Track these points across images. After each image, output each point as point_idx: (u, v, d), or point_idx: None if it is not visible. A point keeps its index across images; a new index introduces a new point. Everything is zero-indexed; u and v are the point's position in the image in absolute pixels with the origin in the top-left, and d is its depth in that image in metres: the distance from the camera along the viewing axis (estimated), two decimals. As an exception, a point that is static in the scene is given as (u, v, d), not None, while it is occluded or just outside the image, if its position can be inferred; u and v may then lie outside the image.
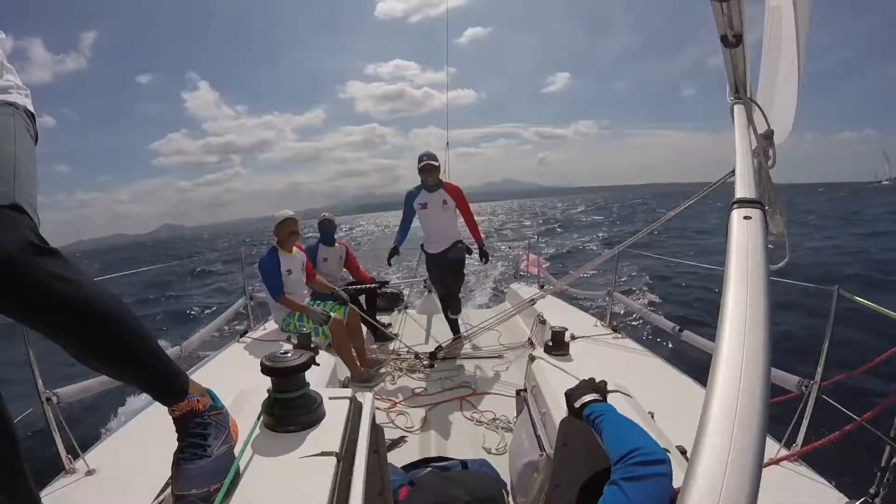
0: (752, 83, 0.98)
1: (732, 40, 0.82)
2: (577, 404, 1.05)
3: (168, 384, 0.87)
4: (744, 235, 0.57)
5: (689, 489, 0.35)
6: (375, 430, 1.16)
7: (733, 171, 0.73)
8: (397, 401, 2.73)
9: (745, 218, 0.59)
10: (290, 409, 1.03)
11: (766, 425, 0.37)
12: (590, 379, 1.13)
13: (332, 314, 2.93)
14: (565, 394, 1.11)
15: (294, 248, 3.07)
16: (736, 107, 0.91)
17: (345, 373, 2.92)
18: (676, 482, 0.76)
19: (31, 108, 0.87)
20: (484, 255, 3.55)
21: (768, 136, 0.95)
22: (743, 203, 0.63)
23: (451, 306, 3.55)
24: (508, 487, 1.65)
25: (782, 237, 1.14)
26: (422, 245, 3.61)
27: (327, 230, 3.84)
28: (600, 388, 1.09)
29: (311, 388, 1.10)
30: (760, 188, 0.97)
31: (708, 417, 0.39)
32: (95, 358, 0.79)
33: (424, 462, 1.64)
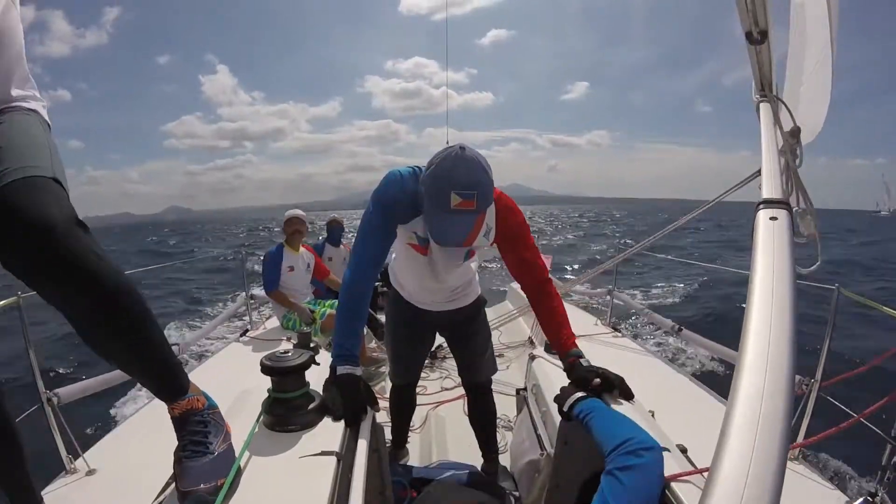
0: (777, 81, 0.95)
1: (757, 37, 0.80)
2: (566, 407, 1.05)
3: (173, 379, 0.88)
4: (770, 237, 0.55)
5: (710, 496, 0.34)
6: (375, 429, 1.16)
7: (759, 171, 0.70)
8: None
9: (772, 219, 0.57)
10: (290, 409, 1.03)
11: (790, 434, 0.36)
12: (574, 375, 1.13)
13: (330, 310, 2.96)
14: (554, 400, 1.11)
15: (302, 248, 3.18)
16: (762, 105, 0.89)
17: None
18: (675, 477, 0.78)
19: (48, 120, 0.90)
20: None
21: (795, 134, 0.92)
22: (769, 203, 0.60)
23: None
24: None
25: (813, 239, 1.03)
26: (388, 284, 1.76)
27: (335, 230, 3.96)
28: (587, 380, 1.09)
29: (311, 387, 1.10)
30: (789, 188, 0.94)
31: (731, 424, 0.37)
32: (112, 341, 0.77)
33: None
